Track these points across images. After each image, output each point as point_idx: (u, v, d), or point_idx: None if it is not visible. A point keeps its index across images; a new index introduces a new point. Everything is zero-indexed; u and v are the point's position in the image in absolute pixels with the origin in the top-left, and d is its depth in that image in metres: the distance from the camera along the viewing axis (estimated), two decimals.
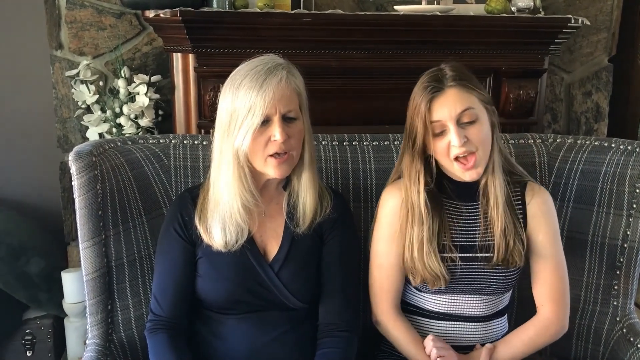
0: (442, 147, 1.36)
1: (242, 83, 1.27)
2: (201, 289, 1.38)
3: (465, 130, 1.34)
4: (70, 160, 1.45)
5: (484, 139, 1.36)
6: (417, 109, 1.37)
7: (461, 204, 1.45)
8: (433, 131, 1.36)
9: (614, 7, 2.56)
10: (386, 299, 1.48)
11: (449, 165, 1.39)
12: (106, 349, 1.49)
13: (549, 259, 1.45)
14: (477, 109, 1.36)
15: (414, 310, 1.51)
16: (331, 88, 2.04)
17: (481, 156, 1.36)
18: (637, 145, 1.65)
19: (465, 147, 1.34)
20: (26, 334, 2.25)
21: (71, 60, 2.24)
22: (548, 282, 1.45)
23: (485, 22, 2.07)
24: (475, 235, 1.44)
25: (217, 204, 1.33)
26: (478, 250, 1.43)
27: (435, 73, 1.39)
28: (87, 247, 1.46)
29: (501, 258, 1.41)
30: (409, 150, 1.42)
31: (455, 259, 1.41)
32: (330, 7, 2.25)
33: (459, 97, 1.35)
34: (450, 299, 1.46)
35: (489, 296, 1.46)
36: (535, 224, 1.45)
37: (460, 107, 1.34)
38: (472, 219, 1.45)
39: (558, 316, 1.45)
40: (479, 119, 1.36)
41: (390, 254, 1.46)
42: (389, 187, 1.50)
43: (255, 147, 1.28)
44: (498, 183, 1.40)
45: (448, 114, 1.34)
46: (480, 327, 1.48)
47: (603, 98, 2.64)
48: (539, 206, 1.45)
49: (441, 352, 1.39)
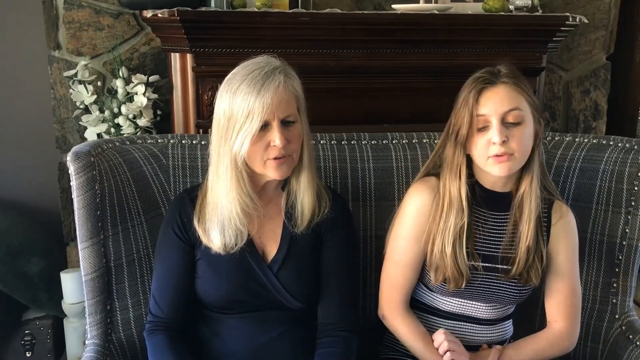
0: (481, 143, 1.33)
1: (239, 88, 1.26)
2: (200, 290, 1.38)
3: (508, 131, 1.31)
4: (69, 161, 1.45)
5: (524, 144, 1.33)
6: (465, 99, 1.34)
7: (488, 212, 1.43)
8: (476, 125, 1.33)
9: (611, 5, 2.56)
10: (397, 295, 1.47)
11: (483, 163, 1.35)
12: (105, 349, 1.49)
13: (566, 278, 1.45)
14: (525, 111, 1.33)
15: (423, 308, 1.51)
16: (329, 87, 2.04)
17: (517, 158, 1.33)
18: (635, 143, 1.65)
19: (504, 147, 1.30)
20: (25, 334, 2.25)
21: (69, 61, 2.24)
22: (563, 300, 1.45)
23: (483, 20, 2.06)
24: (498, 245, 1.43)
25: (216, 207, 1.33)
26: (499, 261, 1.42)
27: (489, 69, 1.37)
28: (86, 247, 1.46)
29: (518, 272, 1.40)
30: (452, 142, 1.38)
31: (477, 267, 1.40)
32: (328, 6, 2.25)
33: (509, 94, 1.32)
34: (462, 302, 1.46)
35: (501, 304, 1.47)
36: (557, 243, 1.44)
37: (508, 104, 1.31)
38: (497, 229, 1.43)
39: (569, 332, 1.46)
40: (524, 122, 1.33)
41: (409, 252, 1.44)
42: (419, 184, 1.47)
43: (254, 151, 1.28)
44: (534, 196, 1.38)
45: (494, 109, 1.31)
46: (487, 329, 1.48)
47: (601, 96, 2.64)
48: (563, 227, 1.45)
49: (452, 346, 1.39)
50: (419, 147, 1.69)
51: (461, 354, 1.39)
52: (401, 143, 1.69)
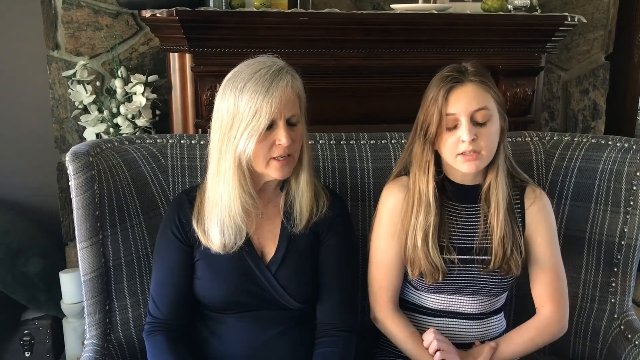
0: (451, 141, 1.35)
1: (246, 86, 1.26)
2: (199, 291, 1.38)
3: (476, 129, 1.33)
4: (68, 161, 1.45)
5: (491, 141, 1.36)
6: (434, 97, 1.36)
7: (460, 205, 1.45)
8: (446, 124, 1.35)
9: (610, 5, 2.56)
10: (385, 295, 1.48)
11: (452, 161, 1.38)
12: (104, 349, 1.49)
13: (546, 262, 1.45)
14: (492, 110, 1.35)
15: (412, 307, 1.51)
16: (328, 87, 2.03)
17: (484, 156, 1.36)
18: (634, 143, 1.65)
19: (472, 145, 1.33)
20: (24, 334, 2.25)
21: (68, 61, 2.24)
22: (547, 284, 1.45)
23: (482, 20, 2.07)
24: (473, 237, 1.44)
25: (216, 205, 1.33)
26: (475, 253, 1.43)
27: (455, 66, 1.38)
28: (85, 247, 1.46)
29: (498, 265, 1.41)
30: (420, 140, 1.40)
31: (453, 260, 1.41)
32: (327, 6, 2.24)
33: (477, 93, 1.34)
34: (446, 298, 1.47)
35: (485, 297, 1.47)
36: (533, 228, 1.45)
37: (477, 104, 1.33)
38: (471, 222, 1.45)
39: (558, 316, 1.46)
40: (491, 121, 1.35)
41: (389, 251, 1.46)
42: (390, 184, 1.49)
43: (258, 150, 1.28)
44: (501, 189, 1.40)
45: (464, 108, 1.33)
46: (477, 324, 1.48)
47: (600, 96, 2.64)
48: (538, 211, 1.46)
49: (442, 345, 1.39)
50: None
51: (451, 353, 1.40)
52: (400, 143, 1.69)
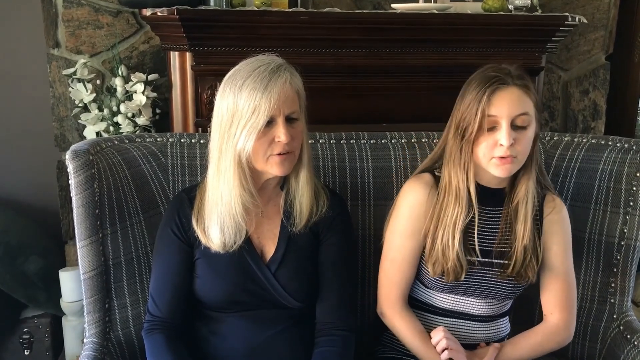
0: (488, 143, 1.33)
1: (245, 83, 1.26)
2: (199, 290, 1.38)
3: (514, 134, 1.32)
4: (67, 159, 1.45)
5: (527, 147, 1.35)
6: (476, 97, 1.32)
7: (481, 207, 1.43)
8: (485, 125, 1.32)
9: (611, 5, 2.56)
10: (395, 292, 1.47)
11: (485, 163, 1.35)
12: (104, 347, 1.49)
13: (560, 270, 1.45)
14: (532, 116, 1.34)
15: (420, 306, 1.51)
16: (328, 86, 2.03)
17: (518, 161, 1.35)
18: (634, 143, 1.65)
19: (510, 150, 1.31)
20: (24, 332, 2.25)
21: (68, 59, 2.24)
22: (558, 292, 1.45)
23: (482, 20, 2.06)
24: (492, 240, 1.43)
25: (216, 204, 1.33)
26: (494, 256, 1.42)
27: (499, 68, 1.35)
28: (84, 245, 1.46)
29: (516, 271, 1.40)
30: (458, 140, 1.37)
31: (474, 262, 1.41)
32: (327, 5, 2.24)
33: (520, 97, 1.32)
34: (457, 299, 1.46)
35: (496, 300, 1.47)
36: (550, 237, 1.45)
37: (520, 108, 1.32)
38: (492, 225, 1.44)
39: (566, 324, 1.46)
40: (530, 127, 1.34)
41: (405, 248, 1.44)
42: (414, 180, 1.47)
43: (258, 147, 1.28)
44: (531, 198, 1.39)
45: (507, 111, 1.31)
46: (483, 326, 1.49)
47: (600, 96, 2.64)
48: (556, 221, 1.46)
49: (450, 344, 1.39)
50: (417, 147, 1.69)
51: (459, 352, 1.40)
52: (400, 142, 1.69)
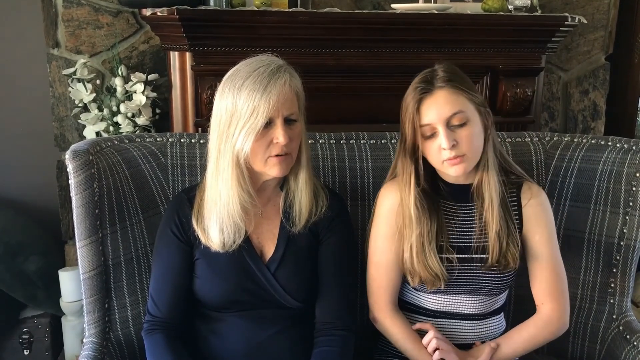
0: (433, 149, 1.36)
1: (244, 84, 1.26)
2: (199, 290, 1.38)
3: (455, 133, 1.34)
4: (67, 159, 1.45)
5: (474, 142, 1.36)
6: (406, 110, 1.37)
7: (457, 204, 1.45)
8: (423, 134, 1.36)
9: (610, 6, 2.56)
10: (383, 296, 1.48)
11: (439, 166, 1.39)
12: (103, 347, 1.49)
13: (545, 258, 1.45)
14: (468, 111, 1.35)
15: (411, 308, 1.51)
16: (328, 86, 2.04)
17: (469, 157, 1.36)
18: (633, 144, 1.65)
19: (454, 150, 1.33)
20: (23, 332, 2.25)
21: (68, 59, 2.24)
22: (546, 281, 1.45)
23: (482, 20, 2.06)
24: (471, 236, 1.44)
25: (215, 204, 1.33)
26: (474, 251, 1.43)
27: (426, 74, 1.38)
28: (84, 245, 1.46)
29: (495, 259, 1.41)
30: (401, 153, 1.42)
31: (452, 260, 1.41)
32: (327, 5, 2.24)
33: (448, 99, 1.34)
34: (446, 299, 1.47)
35: (484, 296, 1.47)
36: (531, 225, 1.45)
37: (450, 110, 1.33)
38: (468, 220, 1.45)
39: (558, 313, 1.46)
40: (469, 122, 1.35)
41: (387, 251, 1.46)
42: (386, 185, 1.50)
43: (256, 148, 1.28)
44: (493, 184, 1.40)
45: (437, 116, 1.33)
46: (476, 325, 1.48)
47: (600, 96, 2.64)
48: (535, 208, 1.46)
49: (440, 344, 1.40)
50: None
51: (450, 352, 1.40)
52: None
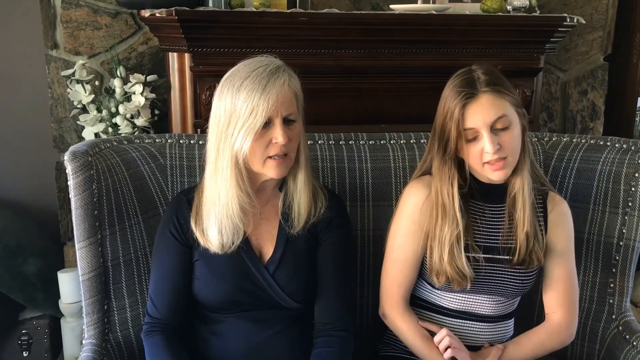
0: (475, 152, 1.36)
1: (243, 84, 1.27)
2: (198, 291, 1.38)
3: (498, 137, 1.33)
4: (66, 160, 1.45)
5: (515, 144, 1.36)
6: (450, 114, 1.35)
7: (485, 204, 1.45)
8: (466, 137, 1.35)
9: (609, 6, 2.56)
10: (397, 292, 1.47)
11: (479, 169, 1.39)
12: (103, 348, 1.49)
13: (564, 267, 1.46)
14: (510, 114, 1.35)
15: (425, 306, 1.51)
16: (327, 87, 2.03)
17: (510, 160, 1.36)
18: (632, 144, 1.65)
19: (497, 153, 1.33)
20: (22, 334, 2.25)
21: (67, 60, 2.24)
22: (561, 290, 1.46)
23: (481, 21, 2.07)
24: (497, 236, 1.44)
25: (214, 204, 1.33)
26: (500, 252, 1.43)
27: (467, 76, 1.37)
28: (83, 247, 1.46)
29: (521, 258, 1.41)
30: (440, 154, 1.40)
31: (479, 259, 1.41)
32: (326, 6, 2.25)
33: (493, 103, 1.33)
34: (464, 298, 1.46)
35: (503, 298, 1.47)
36: (554, 232, 1.46)
37: (495, 114, 1.33)
38: (495, 220, 1.45)
39: (568, 324, 1.46)
40: (511, 125, 1.35)
41: (407, 248, 1.45)
42: (414, 182, 1.49)
43: (255, 149, 1.28)
44: (527, 185, 1.40)
45: (482, 121, 1.33)
46: (489, 327, 1.48)
47: (599, 97, 2.64)
48: (559, 216, 1.47)
49: (453, 343, 1.39)
50: (416, 148, 1.69)
51: (461, 351, 1.40)
52: (399, 143, 1.69)
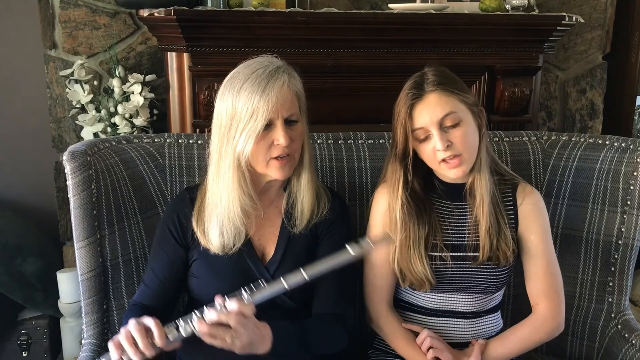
0: (428, 151, 1.38)
1: (243, 86, 1.26)
2: (198, 290, 1.39)
3: (448, 134, 1.35)
4: (65, 160, 1.45)
5: (468, 141, 1.37)
6: (398, 116, 1.39)
7: (451, 203, 1.47)
8: (417, 137, 1.37)
9: (607, 5, 2.56)
10: (379, 296, 1.49)
11: (437, 168, 1.41)
12: (102, 348, 1.48)
13: (540, 258, 1.46)
14: (460, 111, 1.36)
15: (408, 307, 1.52)
16: (326, 86, 2.04)
17: (466, 157, 1.37)
18: (631, 143, 1.65)
19: (449, 150, 1.35)
20: (22, 334, 2.25)
21: (65, 60, 2.23)
22: (541, 281, 1.45)
23: (479, 20, 2.07)
24: (464, 234, 1.45)
25: (215, 206, 1.33)
26: (467, 249, 1.44)
27: (416, 79, 1.40)
28: (82, 246, 1.46)
29: (486, 256, 1.42)
30: (392, 157, 1.43)
31: (445, 258, 1.42)
32: (325, 5, 2.24)
33: (439, 101, 1.35)
34: (442, 297, 1.47)
35: (480, 294, 1.47)
36: (526, 224, 1.46)
37: (441, 112, 1.34)
38: (461, 219, 1.46)
39: (553, 314, 1.45)
40: (462, 122, 1.36)
41: (380, 252, 1.46)
42: (380, 188, 1.51)
43: (257, 150, 1.28)
44: (484, 182, 1.41)
45: (429, 119, 1.35)
46: (471, 323, 1.49)
47: (597, 95, 2.64)
48: (530, 207, 1.47)
49: (434, 343, 1.41)
50: None
51: (444, 351, 1.41)
52: None
